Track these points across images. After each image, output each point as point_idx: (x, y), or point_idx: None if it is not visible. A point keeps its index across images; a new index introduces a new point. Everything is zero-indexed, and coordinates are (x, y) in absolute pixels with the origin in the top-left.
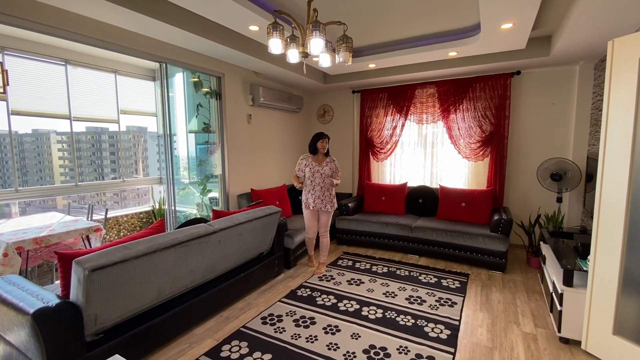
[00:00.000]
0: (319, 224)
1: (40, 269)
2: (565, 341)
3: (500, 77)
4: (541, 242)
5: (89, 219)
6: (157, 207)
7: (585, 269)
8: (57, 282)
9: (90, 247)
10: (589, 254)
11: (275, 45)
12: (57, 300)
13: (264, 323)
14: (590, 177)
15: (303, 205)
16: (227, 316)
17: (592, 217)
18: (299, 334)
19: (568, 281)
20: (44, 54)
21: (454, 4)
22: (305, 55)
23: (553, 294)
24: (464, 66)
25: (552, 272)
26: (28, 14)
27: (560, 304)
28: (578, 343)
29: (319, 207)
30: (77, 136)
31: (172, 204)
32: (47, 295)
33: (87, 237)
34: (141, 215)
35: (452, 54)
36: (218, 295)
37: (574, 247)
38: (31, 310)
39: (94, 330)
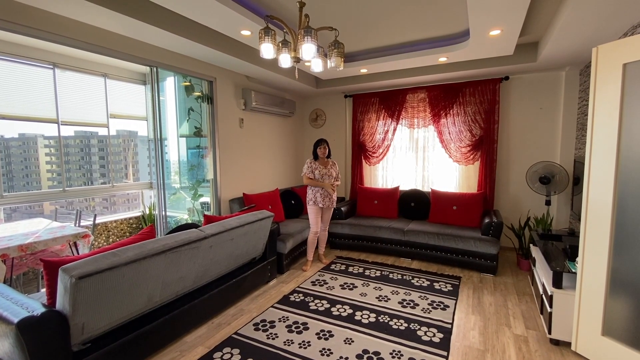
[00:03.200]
0: (322, 219)
1: (26, 277)
2: (555, 343)
3: (489, 82)
4: (531, 245)
5: (77, 225)
6: (148, 212)
7: (573, 270)
8: (43, 290)
9: (78, 254)
10: (577, 256)
11: (267, 50)
12: (43, 309)
13: (256, 329)
14: (578, 180)
15: (311, 203)
16: (218, 323)
17: (579, 220)
18: (291, 340)
19: (557, 283)
20: (30, 57)
21: (444, 10)
22: (297, 60)
23: (543, 296)
24: (454, 71)
25: (542, 274)
26: (14, 17)
27: (550, 306)
28: (568, 344)
29: (327, 204)
30: (65, 140)
31: (163, 209)
32: (33, 304)
33: (75, 243)
34: (131, 221)
35: (442, 59)
36: (209, 302)
37: (563, 249)
38: (15, 320)
39: (81, 339)
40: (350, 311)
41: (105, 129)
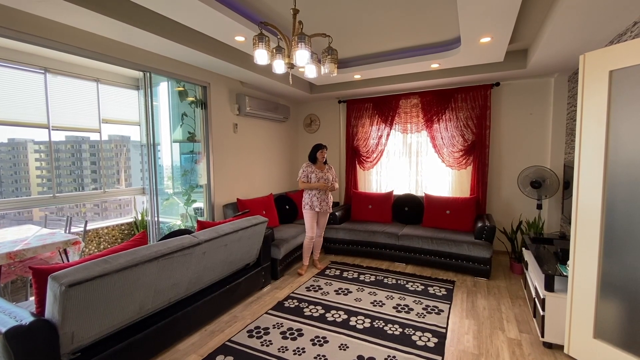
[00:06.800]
0: (318, 224)
1: (14, 285)
2: (548, 346)
3: (480, 88)
4: (523, 248)
5: (67, 231)
6: (140, 218)
7: (565, 274)
8: (32, 298)
9: (68, 261)
10: (568, 259)
11: (261, 56)
12: (31, 318)
13: (250, 336)
14: (568, 184)
15: (307, 207)
16: (211, 330)
17: (570, 223)
18: (286, 347)
19: (549, 286)
20: (21, 62)
21: (436, 18)
22: (291, 66)
23: (536, 299)
24: (446, 77)
25: (534, 277)
26: (5, 21)
27: (543, 309)
28: (561, 347)
29: (324, 209)
30: (56, 146)
31: (155, 215)
32: (21, 313)
33: (65, 250)
34: (123, 227)
35: (435, 65)
36: (202, 309)
37: (554, 252)
38: (3, 330)
39: (71, 349)
40: (345, 317)
41: (97, 134)
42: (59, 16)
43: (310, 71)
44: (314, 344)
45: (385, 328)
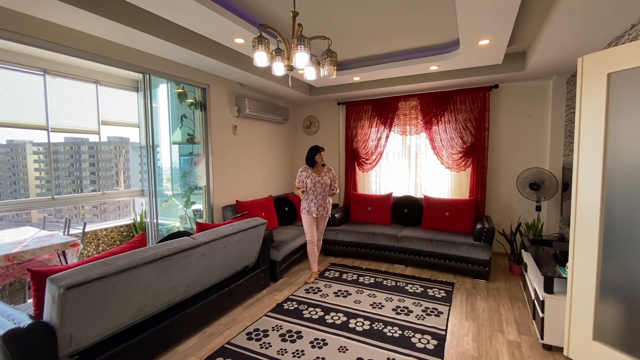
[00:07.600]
0: (317, 229)
1: (12, 287)
2: (548, 348)
3: (479, 90)
4: (522, 250)
5: (66, 233)
6: (139, 220)
7: (564, 276)
8: (30, 301)
9: (67, 263)
10: (567, 261)
11: (260, 58)
12: (30, 321)
13: (249, 338)
14: (567, 186)
15: (305, 212)
16: (210, 332)
17: (569, 225)
18: (285, 349)
19: (548, 288)
20: (21, 64)
21: (435, 20)
22: (290, 68)
23: (535, 301)
24: (445, 80)
25: (534, 279)
26: (4, 24)
27: (542, 311)
28: (560, 349)
29: (321, 214)
30: (54, 147)
31: (154, 216)
32: (19, 316)
33: (63, 252)
34: (121, 229)
35: (434, 68)
36: (201, 311)
37: (554, 254)
38: (1, 332)
39: (69, 351)
40: (345, 319)
41: (96, 135)
42: (57, 18)
43: (309, 73)
44: (313, 347)
45: (385, 330)
